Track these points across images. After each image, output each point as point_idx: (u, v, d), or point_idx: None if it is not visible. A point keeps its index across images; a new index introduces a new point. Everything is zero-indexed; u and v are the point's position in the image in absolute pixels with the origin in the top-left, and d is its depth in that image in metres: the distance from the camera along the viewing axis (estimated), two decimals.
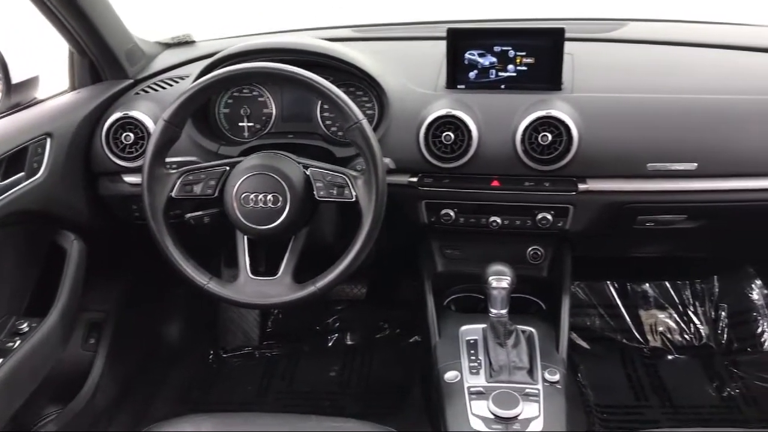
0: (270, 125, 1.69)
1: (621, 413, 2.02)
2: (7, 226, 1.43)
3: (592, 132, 1.45)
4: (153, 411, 2.02)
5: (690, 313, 2.35)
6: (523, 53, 1.52)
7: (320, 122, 1.67)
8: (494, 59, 1.54)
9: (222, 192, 1.37)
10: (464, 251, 1.71)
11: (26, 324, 1.46)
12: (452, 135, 1.47)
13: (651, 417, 2.01)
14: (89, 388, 1.79)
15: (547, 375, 1.37)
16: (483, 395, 1.31)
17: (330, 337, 2.43)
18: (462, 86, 1.57)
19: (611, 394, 2.08)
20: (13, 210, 1.40)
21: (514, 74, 1.54)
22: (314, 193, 1.36)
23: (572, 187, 1.49)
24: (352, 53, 1.64)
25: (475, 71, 1.56)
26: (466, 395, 1.32)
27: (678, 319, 2.34)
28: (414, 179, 1.55)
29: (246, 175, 1.34)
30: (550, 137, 1.44)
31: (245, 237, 1.39)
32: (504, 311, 1.42)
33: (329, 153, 1.59)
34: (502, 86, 1.56)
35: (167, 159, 1.40)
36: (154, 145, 1.34)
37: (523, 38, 1.52)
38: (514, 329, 1.43)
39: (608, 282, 2.40)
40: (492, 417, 1.26)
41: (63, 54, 1.74)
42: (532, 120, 1.44)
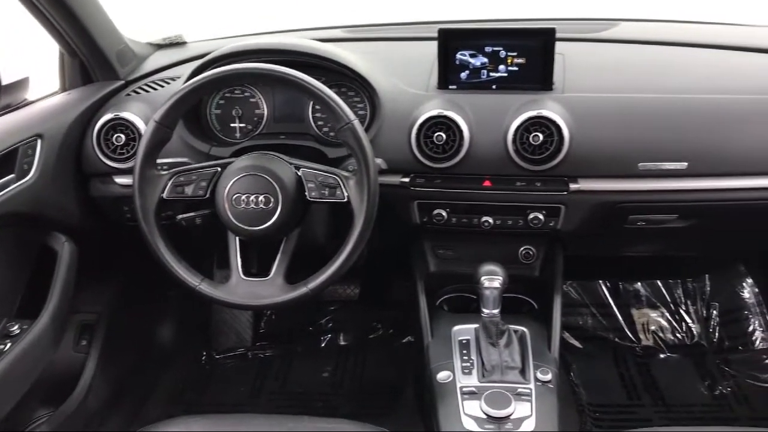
0: (262, 126, 1.69)
1: (613, 412, 2.03)
2: None
3: (583, 132, 1.46)
4: (146, 412, 2.01)
5: (682, 312, 2.36)
6: (514, 53, 1.53)
7: (312, 123, 1.67)
8: (485, 59, 1.54)
9: (213, 193, 1.36)
10: (456, 251, 1.71)
11: (17, 326, 1.46)
12: (444, 135, 1.48)
13: (643, 416, 2.01)
14: (81, 390, 1.79)
15: (539, 374, 1.37)
16: (475, 395, 1.31)
17: (323, 338, 2.42)
18: (453, 86, 1.58)
19: (604, 393, 2.09)
20: (4, 212, 1.40)
21: (506, 74, 1.55)
22: (306, 194, 1.36)
23: (563, 187, 1.49)
24: (344, 54, 1.64)
25: (467, 71, 1.56)
26: (459, 395, 1.33)
27: (670, 318, 2.35)
28: (406, 179, 1.55)
29: (237, 176, 1.34)
30: (542, 137, 1.44)
31: (237, 238, 1.39)
32: (496, 311, 1.42)
33: (321, 154, 1.59)
34: (494, 86, 1.56)
35: (158, 160, 1.40)
36: (145, 147, 1.34)
37: (514, 38, 1.53)
38: (507, 329, 1.44)
39: (600, 281, 2.41)
40: (484, 417, 1.26)
41: (53, 55, 1.73)
42: (524, 120, 1.45)
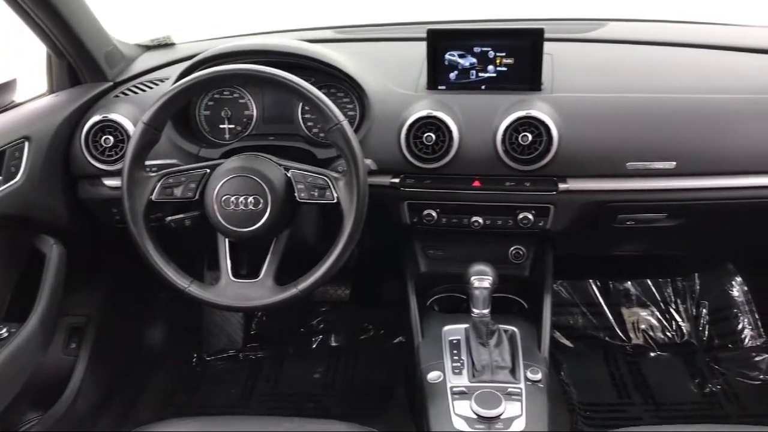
0: (251, 127, 1.69)
1: (604, 411, 2.03)
2: None
3: (572, 132, 1.46)
4: (136, 415, 2.01)
5: (672, 311, 2.37)
6: (503, 54, 1.53)
7: (301, 124, 1.67)
8: (474, 60, 1.55)
9: (202, 195, 1.36)
10: (447, 251, 1.71)
11: (5, 329, 1.45)
12: (433, 136, 1.48)
13: (634, 414, 2.02)
14: (70, 393, 1.78)
15: (530, 374, 1.37)
16: (465, 395, 1.31)
17: (314, 339, 2.42)
18: (443, 87, 1.58)
19: (594, 392, 2.10)
20: None
21: (494, 75, 1.55)
22: (295, 195, 1.36)
23: (553, 187, 1.49)
24: (333, 54, 1.63)
25: (456, 72, 1.56)
26: (449, 395, 1.33)
27: (660, 317, 2.36)
28: (396, 180, 1.55)
29: (226, 178, 1.34)
30: (531, 137, 1.44)
31: (226, 240, 1.39)
32: (486, 311, 1.42)
33: (311, 154, 1.58)
34: (483, 87, 1.56)
35: (147, 162, 1.39)
36: (134, 148, 1.34)
37: (503, 39, 1.53)
38: (497, 329, 1.44)
39: (590, 280, 2.42)
40: (475, 417, 1.27)
41: (41, 57, 1.72)
42: (513, 120, 1.45)
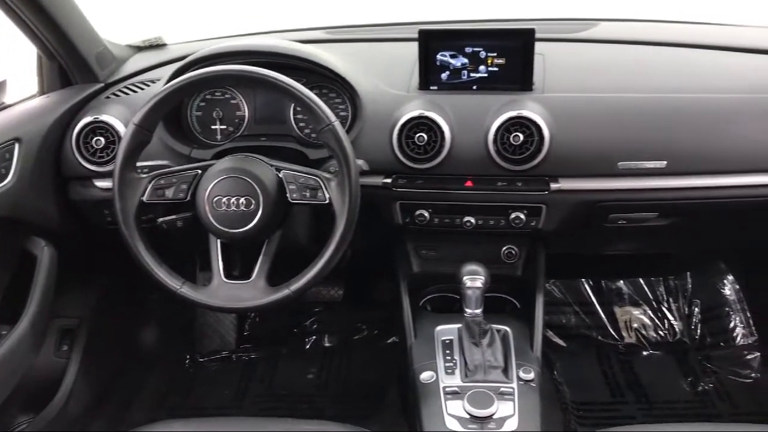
0: (243, 128, 1.68)
1: (597, 410, 2.04)
2: None
3: (564, 132, 1.47)
4: (129, 417, 2.00)
5: (664, 309, 2.38)
6: (494, 54, 1.53)
7: (293, 124, 1.67)
8: (466, 60, 1.55)
9: (194, 196, 1.36)
10: (439, 251, 1.71)
11: None
12: (425, 136, 1.48)
13: (627, 413, 2.03)
14: (62, 396, 1.77)
15: (522, 374, 1.37)
16: (458, 395, 1.31)
17: (307, 340, 2.42)
18: (434, 87, 1.58)
19: (587, 391, 2.10)
20: None
21: (486, 75, 1.55)
22: (287, 196, 1.36)
23: (544, 187, 1.50)
24: (325, 55, 1.63)
25: (447, 72, 1.56)
26: (442, 395, 1.33)
27: (652, 316, 2.37)
28: (388, 180, 1.55)
29: (218, 179, 1.33)
30: (522, 137, 1.44)
31: (218, 241, 1.39)
32: (478, 311, 1.42)
33: (303, 155, 1.58)
34: (474, 87, 1.56)
35: (139, 163, 1.39)
36: (125, 150, 1.33)
37: (494, 39, 1.53)
38: (489, 329, 1.44)
39: (583, 280, 2.42)
40: (467, 417, 1.26)
41: (31, 58, 1.71)
42: (504, 120, 1.45)
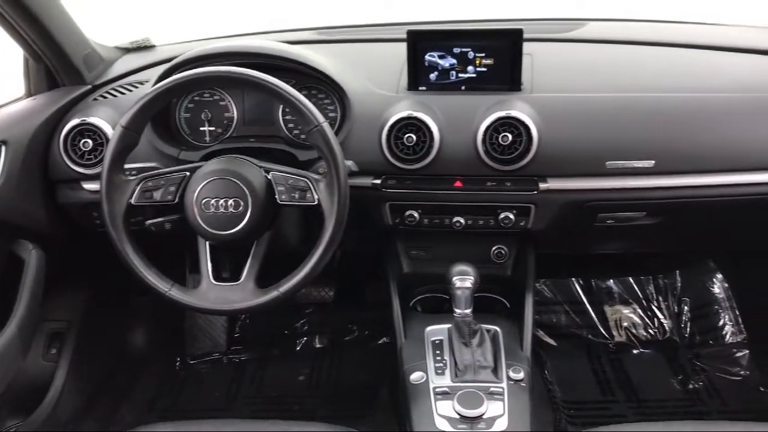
0: (232, 129, 1.68)
1: (587, 409, 2.05)
2: None
3: (552, 132, 1.47)
4: (119, 420, 1.99)
5: (654, 308, 2.39)
6: (483, 54, 1.53)
7: (282, 125, 1.67)
8: (454, 61, 1.55)
9: (182, 198, 1.35)
10: (429, 252, 1.71)
11: None
12: (414, 137, 1.48)
13: (617, 412, 2.03)
14: (51, 399, 1.76)
15: (512, 373, 1.37)
16: (448, 395, 1.31)
17: (298, 341, 2.41)
18: (423, 88, 1.58)
19: (578, 390, 2.11)
20: None
21: (474, 75, 1.55)
22: (276, 197, 1.35)
23: (533, 187, 1.50)
24: (314, 56, 1.63)
25: (436, 73, 1.56)
26: (432, 396, 1.33)
27: (642, 314, 2.38)
28: (377, 181, 1.55)
29: (206, 181, 1.33)
30: (511, 137, 1.45)
31: (207, 243, 1.38)
32: (468, 311, 1.42)
33: (292, 156, 1.58)
34: (463, 87, 1.57)
35: (126, 165, 1.39)
36: (112, 152, 1.33)
37: (482, 39, 1.53)
38: (479, 328, 1.44)
39: (573, 279, 2.43)
40: (457, 417, 1.27)
41: (18, 60, 1.70)
42: (493, 121, 1.46)
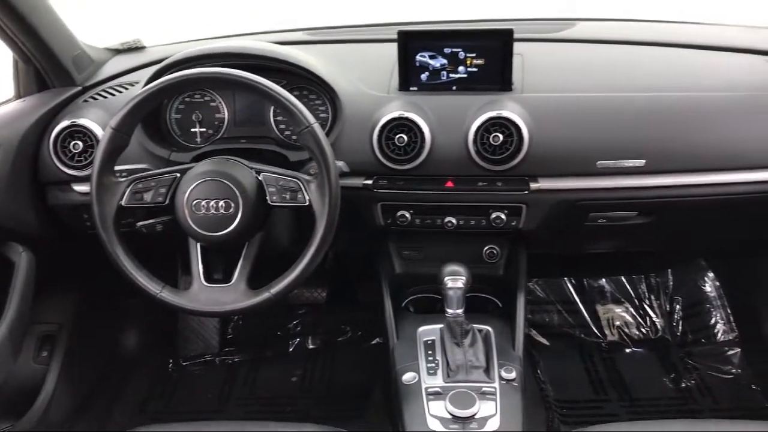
0: (222, 130, 1.68)
1: (580, 408, 2.05)
2: None
3: (543, 132, 1.47)
4: (111, 423, 1.99)
5: (646, 307, 2.39)
6: (473, 54, 1.54)
7: (273, 126, 1.66)
8: (445, 61, 1.55)
9: (173, 199, 1.35)
10: (422, 252, 1.71)
11: None
12: (405, 137, 1.48)
13: (610, 411, 2.04)
14: (42, 402, 1.76)
15: (504, 373, 1.38)
16: (440, 395, 1.31)
17: (291, 342, 2.41)
18: (414, 88, 1.58)
19: (571, 390, 2.11)
20: None
21: (465, 75, 1.55)
22: (267, 198, 1.35)
23: (524, 186, 1.50)
24: (304, 56, 1.63)
25: (427, 73, 1.56)
26: (424, 396, 1.33)
27: (634, 313, 2.39)
28: (369, 182, 1.55)
29: (197, 182, 1.33)
30: (501, 137, 1.45)
31: (198, 244, 1.38)
32: (460, 311, 1.42)
33: (283, 157, 1.58)
34: (454, 87, 1.57)
35: (117, 167, 1.38)
36: (102, 154, 1.32)
37: (473, 40, 1.53)
38: (471, 329, 1.44)
39: (565, 278, 2.44)
40: (449, 417, 1.27)
41: (7, 61, 1.70)
42: (484, 121, 1.46)
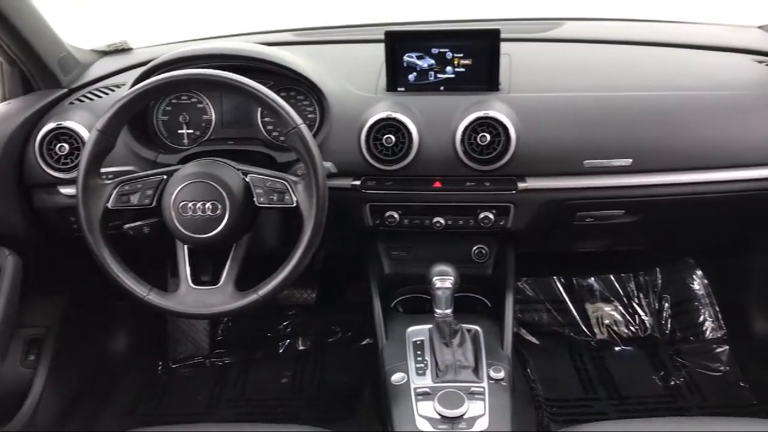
0: (210, 132, 1.67)
1: (570, 406, 2.05)
2: None
3: (530, 131, 1.48)
4: (100, 426, 1.97)
5: (635, 305, 2.40)
6: (461, 55, 1.54)
7: (261, 127, 1.66)
8: (432, 61, 1.55)
9: (160, 201, 1.35)
10: (410, 252, 1.71)
11: None
12: (393, 137, 1.48)
13: (599, 409, 2.04)
14: (29, 407, 1.74)
15: (492, 373, 1.38)
16: (429, 396, 1.32)
17: (281, 343, 2.40)
18: (402, 89, 1.58)
19: (560, 388, 2.12)
20: None
21: (453, 76, 1.56)
22: (254, 200, 1.35)
23: (512, 186, 1.51)
24: (291, 57, 1.63)
25: (414, 73, 1.57)
26: (413, 396, 1.33)
27: (623, 311, 2.39)
28: (357, 182, 1.55)
29: (183, 184, 1.32)
30: (489, 137, 1.45)
31: (185, 246, 1.38)
32: (449, 311, 1.42)
33: (271, 158, 1.58)
34: (441, 88, 1.57)
35: (103, 169, 1.38)
36: (88, 156, 1.32)
37: (460, 40, 1.54)
38: (459, 328, 1.44)
39: (554, 277, 2.44)
40: (438, 417, 1.27)
41: None
42: (471, 121, 1.46)
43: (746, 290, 2.13)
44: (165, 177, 1.36)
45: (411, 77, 1.57)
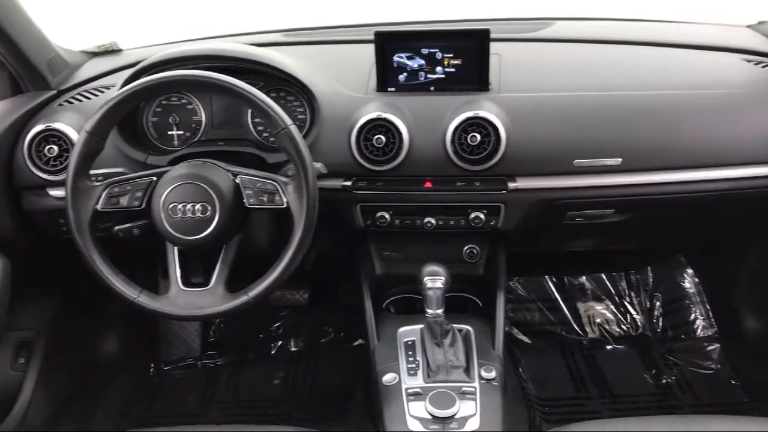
0: (200, 133, 1.67)
1: (562, 406, 2.06)
2: None
3: (520, 131, 1.48)
4: (92, 429, 1.97)
5: (626, 304, 2.41)
6: (451, 55, 1.54)
7: (251, 128, 1.66)
8: (422, 61, 1.55)
9: (149, 203, 1.34)
10: (402, 253, 1.71)
11: None
12: (383, 138, 1.48)
13: (591, 408, 2.05)
14: (19, 410, 1.74)
15: (484, 372, 1.38)
16: (420, 396, 1.32)
17: (273, 344, 2.40)
18: (392, 89, 1.58)
19: (552, 387, 2.12)
20: None
21: (443, 76, 1.56)
22: (244, 201, 1.34)
23: (502, 186, 1.51)
24: (281, 58, 1.63)
25: (405, 74, 1.57)
26: (404, 397, 1.33)
27: (614, 310, 2.40)
28: (348, 183, 1.55)
29: (173, 185, 1.32)
30: (479, 137, 1.45)
31: (175, 248, 1.37)
32: (440, 311, 1.42)
33: (261, 159, 1.57)
34: (431, 88, 1.57)
35: (92, 171, 1.37)
36: (77, 158, 1.31)
37: (450, 40, 1.54)
38: (451, 329, 1.44)
39: (546, 276, 2.45)
40: (429, 417, 1.27)
41: None
42: (461, 121, 1.46)
43: (737, 288, 2.14)
44: (155, 178, 1.35)
45: (401, 77, 1.57)
